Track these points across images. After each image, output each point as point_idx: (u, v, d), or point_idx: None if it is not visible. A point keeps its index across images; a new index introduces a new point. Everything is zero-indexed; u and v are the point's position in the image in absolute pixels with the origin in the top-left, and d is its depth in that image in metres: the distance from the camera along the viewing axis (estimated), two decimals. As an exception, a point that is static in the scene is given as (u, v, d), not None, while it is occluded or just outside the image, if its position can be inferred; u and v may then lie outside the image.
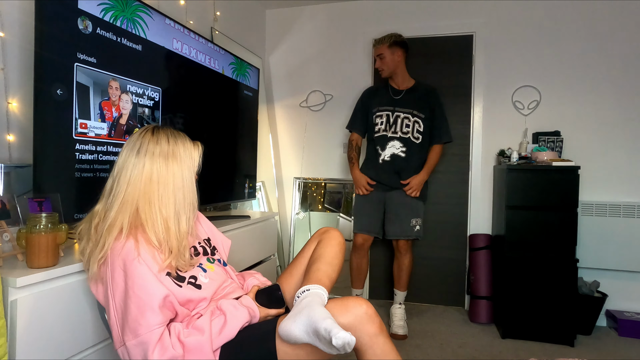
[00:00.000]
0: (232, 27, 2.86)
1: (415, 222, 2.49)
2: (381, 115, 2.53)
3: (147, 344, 0.93)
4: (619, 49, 2.70)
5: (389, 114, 2.52)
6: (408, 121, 2.49)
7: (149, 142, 1.07)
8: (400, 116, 2.50)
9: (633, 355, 2.27)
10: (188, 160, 1.12)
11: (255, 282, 1.30)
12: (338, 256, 1.28)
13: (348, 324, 0.98)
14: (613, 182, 2.72)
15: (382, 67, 2.53)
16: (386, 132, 2.51)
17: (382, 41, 2.51)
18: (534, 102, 2.84)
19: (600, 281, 2.66)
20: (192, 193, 1.12)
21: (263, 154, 3.12)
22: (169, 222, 1.05)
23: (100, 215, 1.06)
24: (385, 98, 2.56)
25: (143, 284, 0.95)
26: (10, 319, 0.96)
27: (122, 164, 1.07)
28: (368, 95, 2.65)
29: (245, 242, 2.11)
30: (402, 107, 2.51)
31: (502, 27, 2.90)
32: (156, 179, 1.06)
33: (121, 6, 1.47)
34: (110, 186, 1.07)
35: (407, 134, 2.49)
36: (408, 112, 2.50)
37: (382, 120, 2.52)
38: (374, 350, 1.00)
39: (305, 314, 0.95)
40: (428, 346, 2.33)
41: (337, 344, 0.86)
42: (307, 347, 0.97)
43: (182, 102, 1.85)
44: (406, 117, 2.50)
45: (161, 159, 1.07)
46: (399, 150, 2.49)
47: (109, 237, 0.99)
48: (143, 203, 1.04)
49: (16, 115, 1.37)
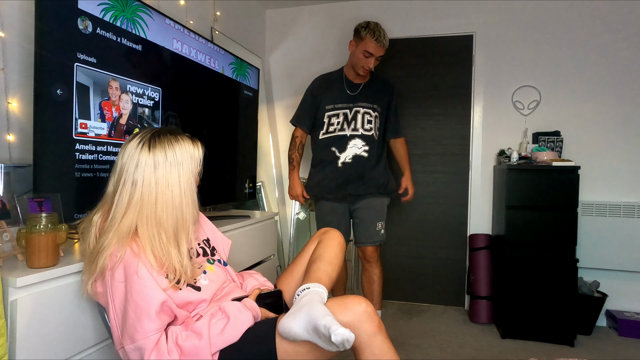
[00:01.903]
0: (232, 27, 2.86)
1: (381, 226, 2.26)
2: (337, 114, 2.25)
3: (143, 350, 0.93)
4: (619, 49, 2.70)
5: (346, 112, 2.24)
6: (370, 117, 2.24)
7: (147, 155, 1.03)
8: (360, 111, 2.23)
9: (633, 355, 2.27)
10: (188, 167, 1.08)
11: (254, 282, 1.30)
12: (338, 256, 1.28)
13: (347, 322, 0.98)
14: (613, 182, 2.72)
15: (372, 68, 2.22)
16: (345, 131, 2.23)
17: (387, 41, 2.19)
18: (534, 102, 2.84)
19: (600, 281, 2.66)
20: (192, 207, 1.09)
21: (263, 154, 3.12)
22: (169, 247, 1.03)
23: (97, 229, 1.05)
24: (342, 94, 2.27)
25: (141, 290, 0.95)
26: (10, 319, 0.96)
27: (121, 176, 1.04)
28: (319, 88, 2.32)
29: (245, 242, 2.10)
30: (362, 102, 2.25)
31: (502, 27, 2.90)
32: (154, 200, 1.02)
33: (121, 6, 1.47)
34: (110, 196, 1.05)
35: (369, 130, 2.24)
36: (369, 107, 2.25)
37: (338, 119, 2.24)
38: (372, 349, 1.00)
39: (304, 312, 0.95)
40: (428, 346, 2.33)
41: (336, 341, 0.86)
42: (306, 344, 0.98)
43: (182, 102, 1.84)
44: (367, 112, 2.24)
45: (159, 174, 1.03)
46: (361, 149, 2.23)
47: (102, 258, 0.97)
48: (142, 227, 1.01)
49: (16, 115, 1.37)
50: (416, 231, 3.10)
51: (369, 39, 2.13)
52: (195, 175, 1.12)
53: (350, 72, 2.29)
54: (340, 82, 2.30)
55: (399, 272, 3.10)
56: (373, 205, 2.26)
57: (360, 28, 2.18)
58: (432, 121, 3.06)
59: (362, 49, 2.16)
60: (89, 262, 1.01)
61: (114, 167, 1.08)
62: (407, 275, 3.10)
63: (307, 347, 0.98)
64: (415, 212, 3.09)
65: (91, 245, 1.04)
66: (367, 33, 2.13)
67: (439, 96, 3.03)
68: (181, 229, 1.07)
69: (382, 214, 2.29)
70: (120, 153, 1.07)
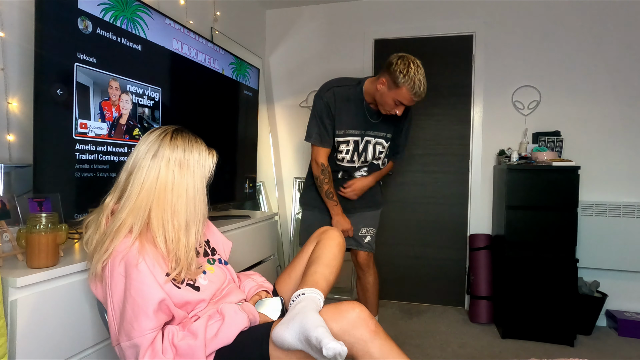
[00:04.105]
0: (232, 27, 2.86)
1: (366, 232, 2.06)
2: (347, 142, 1.97)
3: (139, 347, 0.93)
4: (619, 49, 2.70)
5: (357, 140, 1.97)
6: (382, 147, 2.02)
7: (167, 147, 1.06)
8: (371, 142, 2.00)
9: (633, 355, 2.27)
10: (201, 170, 1.10)
11: (252, 284, 1.29)
12: (337, 257, 1.26)
13: (341, 329, 0.97)
14: (613, 182, 2.71)
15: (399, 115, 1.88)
16: (354, 163, 2.02)
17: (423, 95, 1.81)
18: (534, 102, 2.84)
19: (600, 281, 2.66)
20: (203, 204, 1.11)
21: (263, 154, 3.12)
22: (180, 233, 1.05)
23: (110, 210, 1.06)
24: (357, 119, 1.95)
25: (140, 287, 0.95)
26: (10, 319, 0.96)
27: (137, 162, 1.05)
28: (337, 104, 1.94)
29: (245, 242, 2.11)
30: (375, 131, 1.99)
31: (502, 27, 2.90)
32: (170, 188, 1.05)
33: (121, 6, 1.47)
34: (123, 182, 1.06)
35: (378, 159, 2.05)
36: (381, 137, 2.01)
37: (348, 148, 1.98)
38: (371, 355, 0.98)
39: (298, 321, 0.94)
40: (428, 346, 2.33)
41: (327, 355, 0.85)
42: (299, 353, 0.96)
43: (182, 102, 1.85)
44: (378, 142, 2.01)
45: (176, 167, 1.06)
46: (362, 172, 2.08)
47: (116, 239, 0.98)
48: (156, 210, 1.03)
49: (16, 115, 1.37)
50: (416, 231, 3.10)
51: (407, 92, 1.76)
52: (207, 179, 1.14)
53: (370, 99, 1.95)
54: (359, 106, 1.95)
55: (399, 272, 3.10)
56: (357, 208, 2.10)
57: (398, 72, 1.74)
58: (432, 121, 3.06)
59: (394, 97, 1.80)
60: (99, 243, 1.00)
61: (130, 156, 1.08)
62: (407, 275, 3.10)
63: (300, 355, 0.97)
64: (415, 212, 3.09)
65: (102, 228, 1.03)
66: (406, 84, 1.74)
67: (439, 96, 3.03)
68: (192, 221, 1.08)
69: (368, 221, 2.09)
70: (139, 144, 1.09)
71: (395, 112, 1.85)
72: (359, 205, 2.10)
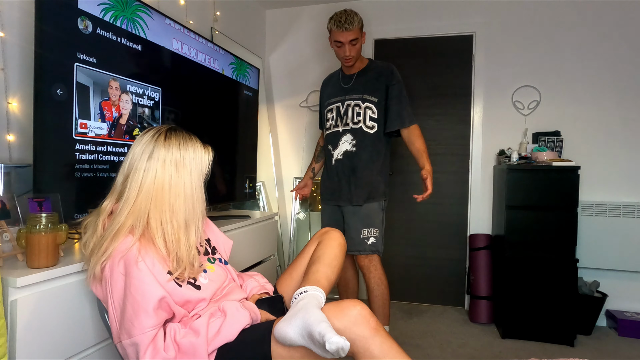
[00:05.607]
0: (232, 27, 2.86)
1: (368, 233, 2.03)
2: (332, 109, 2.18)
3: (139, 345, 0.93)
4: (619, 49, 2.70)
5: (339, 106, 2.16)
6: (359, 109, 2.10)
7: (162, 147, 1.06)
8: (350, 104, 2.11)
9: (633, 355, 2.27)
10: (198, 167, 1.11)
11: (254, 284, 1.29)
12: (338, 257, 1.27)
13: (343, 326, 0.97)
14: (613, 182, 2.72)
15: (351, 55, 2.05)
16: (338, 127, 2.14)
17: (351, 23, 1.99)
18: (534, 102, 2.84)
19: (600, 281, 2.66)
20: (202, 201, 1.12)
21: (263, 154, 3.12)
22: (180, 233, 1.05)
23: (107, 213, 1.06)
24: (336, 88, 2.21)
25: (140, 285, 0.95)
26: (10, 319, 0.96)
27: (133, 165, 1.05)
28: (323, 87, 2.34)
29: (245, 242, 2.11)
30: (352, 94, 2.13)
31: (502, 27, 2.90)
32: (168, 188, 1.05)
33: (121, 6, 1.47)
34: (120, 185, 1.07)
35: (357, 123, 2.09)
36: (358, 98, 2.11)
37: (332, 114, 2.17)
38: (371, 352, 0.99)
39: (300, 317, 0.94)
40: (428, 346, 2.33)
41: (330, 349, 0.85)
42: (301, 349, 0.97)
43: (182, 102, 1.85)
44: (356, 104, 2.10)
45: (172, 167, 1.06)
46: (350, 145, 2.10)
47: (115, 240, 0.98)
48: (154, 212, 1.03)
49: (16, 115, 1.37)
50: (416, 231, 3.10)
51: (333, 29, 2.04)
52: (204, 175, 1.14)
53: (343, 66, 2.21)
54: (337, 77, 2.25)
55: (399, 272, 3.10)
56: (356, 210, 2.07)
57: (328, 23, 2.08)
58: (432, 121, 3.06)
59: (333, 40, 2.08)
60: (97, 246, 1.00)
61: (126, 158, 1.09)
62: (407, 275, 3.10)
63: (302, 351, 0.97)
64: (415, 212, 3.09)
65: (99, 231, 1.03)
66: (330, 23, 2.05)
67: (439, 96, 3.03)
68: (191, 220, 1.08)
69: (369, 221, 2.05)
70: (133, 145, 1.09)
71: (345, 55, 2.07)
72: (359, 202, 2.05)
